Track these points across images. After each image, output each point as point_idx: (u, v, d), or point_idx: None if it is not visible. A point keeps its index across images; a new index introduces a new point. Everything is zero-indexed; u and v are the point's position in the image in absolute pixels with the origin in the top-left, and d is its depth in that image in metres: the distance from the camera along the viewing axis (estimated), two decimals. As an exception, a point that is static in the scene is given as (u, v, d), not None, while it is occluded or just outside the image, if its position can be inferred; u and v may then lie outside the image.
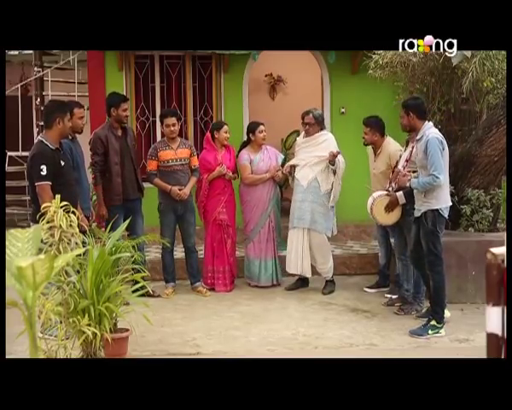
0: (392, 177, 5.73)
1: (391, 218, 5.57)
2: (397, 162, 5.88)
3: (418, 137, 5.09)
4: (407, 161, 5.47)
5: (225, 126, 6.60)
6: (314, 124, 6.33)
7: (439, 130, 5.29)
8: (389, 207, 5.51)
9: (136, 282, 4.67)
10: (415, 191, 5.15)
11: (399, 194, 5.44)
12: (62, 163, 4.96)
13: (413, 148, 5.49)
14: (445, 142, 5.06)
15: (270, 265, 6.64)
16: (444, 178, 4.99)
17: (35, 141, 8.46)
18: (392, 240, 6.14)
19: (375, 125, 6.11)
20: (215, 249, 6.53)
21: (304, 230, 6.33)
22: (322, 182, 6.28)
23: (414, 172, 5.34)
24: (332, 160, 6.15)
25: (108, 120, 6.18)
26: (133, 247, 4.88)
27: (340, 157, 6.25)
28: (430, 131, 5.04)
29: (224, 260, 6.53)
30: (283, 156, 6.89)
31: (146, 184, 6.49)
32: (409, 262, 5.72)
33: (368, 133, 6.11)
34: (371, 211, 5.61)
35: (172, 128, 6.28)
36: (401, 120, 5.78)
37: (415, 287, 5.70)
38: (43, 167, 4.78)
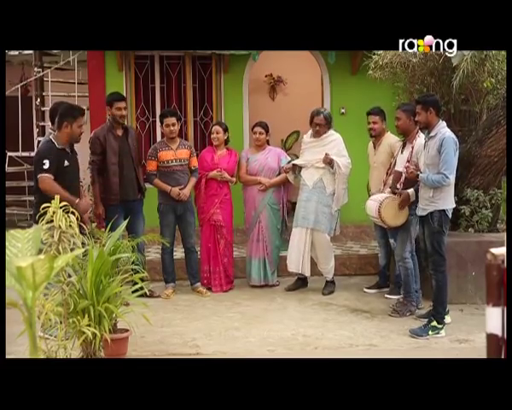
0: (393, 179, 5.70)
1: (399, 219, 5.52)
2: (391, 164, 5.89)
3: (432, 134, 5.05)
4: (408, 161, 5.45)
5: (215, 127, 6.62)
6: (324, 125, 6.33)
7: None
8: (402, 206, 5.47)
9: (136, 282, 4.68)
10: (420, 190, 5.14)
11: (411, 191, 5.39)
12: (66, 163, 4.99)
13: (412, 148, 5.49)
14: (457, 143, 5.07)
15: (257, 264, 6.65)
16: (453, 179, 5.00)
17: (35, 143, 8.50)
18: (391, 241, 6.13)
19: (382, 114, 6.19)
20: (210, 250, 6.55)
21: (307, 229, 6.33)
22: (327, 183, 6.29)
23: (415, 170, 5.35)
24: (326, 162, 6.17)
25: (108, 120, 6.19)
26: (133, 247, 4.88)
27: (342, 160, 6.26)
28: (446, 129, 5.03)
29: (218, 260, 6.55)
30: (289, 159, 6.86)
31: (145, 185, 6.49)
32: (414, 262, 5.74)
33: (377, 122, 6.13)
34: (379, 214, 5.54)
35: (172, 128, 6.28)
36: (397, 121, 5.76)
37: (404, 288, 5.69)
38: (46, 161, 4.83)
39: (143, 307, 4.43)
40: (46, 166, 4.83)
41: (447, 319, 5.24)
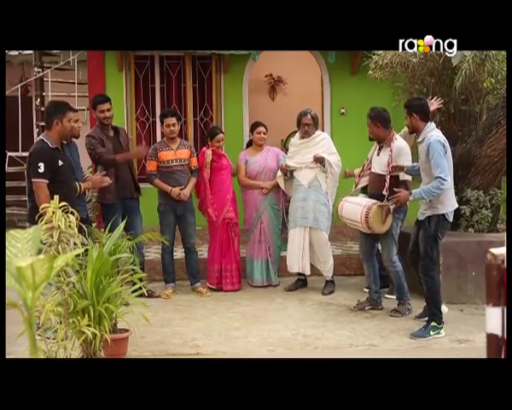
0: (372, 181, 5.67)
1: (387, 224, 5.48)
2: (363, 166, 5.88)
3: (420, 140, 5.03)
4: (388, 165, 5.43)
5: (219, 135, 6.57)
6: (312, 124, 6.35)
7: (440, 130, 5.27)
8: (387, 215, 5.41)
9: (136, 282, 4.67)
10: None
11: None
12: (60, 163, 4.98)
13: (391, 151, 5.44)
14: (447, 144, 4.98)
15: (259, 265, 6.66)
16: (450, 181, 4.92)
17: (35, 141, 8.48)
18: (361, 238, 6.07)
19: None
20: (223, 248, 6.54)
21: (306, 229, 6.33)
22: (322, 181, 6.31)
23: (397, 176, 5.38)
24: (317, 162, 6.18)
25: (97, 124, 6.25)
26: (132, 247, 4.88)
27: (333, 158, 6.27)
28: (432, 133, 4.96)
29: (231, 258, 6.56)
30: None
31: (145, 185, 6.49)
32: (375, 263, 5.78)
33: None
34: (366, 220, 5.41)
35: (172, 128, 6.29)
36: (369, 128, 5.65)
37: (398, 290, 5.68)
38: (41, 165, 4.81)
39: (143, 308, 4.43)
40: (41, 170, 4.81)
41: (444, 309, 5.24)
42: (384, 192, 5.47)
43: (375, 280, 5.83)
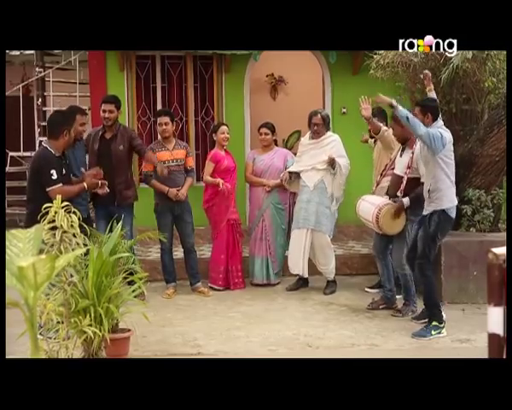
0: (392, 182, 5.66)
1: (397, 227, 5.47)
2: (386, 165, 5.86)
3: None
4: (409, 167, 5.43)
5: (222, 127, 6.61)
6: (322, 125, 6.34)
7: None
8: (397, 214, 5.42)
9: (131, 283, 4.69)
10: (424, 192, 5.11)
11: (406, 200, 5.38)
12: (64, 171, 5.03)
13: (413, 154, 5.44)
14: (448, 137, 4.95)
15: (259, 263, 6.68)
16: (452, 179, 4.98)
17: (36, 142, 8.48)
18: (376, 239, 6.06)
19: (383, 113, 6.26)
20: (229, 250, 6.55)
21: (307, 230, 6.33)
22: (328, 184, 6.30)
23: (417, 178, 5.34)
24: (329, 163, 6.18)
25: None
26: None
27: (342, 161, 6.27)
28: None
29: (237, 259, 6.62)
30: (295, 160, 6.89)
31: (141, 185, 6.45)
32: (388, 262, 5.75)
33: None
34: (377, 220, 5.45)
35: (165, 127, 6.27)
36: (393, 132, 5.63)
37: (405, 291, 5.68)
38: (53, 172, 4.86)
39: (145, 307, 4.43)
40: (55, 177, 4.85)
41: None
42: (398, 193, 5.47)
43: (389, 278, 5.78)
